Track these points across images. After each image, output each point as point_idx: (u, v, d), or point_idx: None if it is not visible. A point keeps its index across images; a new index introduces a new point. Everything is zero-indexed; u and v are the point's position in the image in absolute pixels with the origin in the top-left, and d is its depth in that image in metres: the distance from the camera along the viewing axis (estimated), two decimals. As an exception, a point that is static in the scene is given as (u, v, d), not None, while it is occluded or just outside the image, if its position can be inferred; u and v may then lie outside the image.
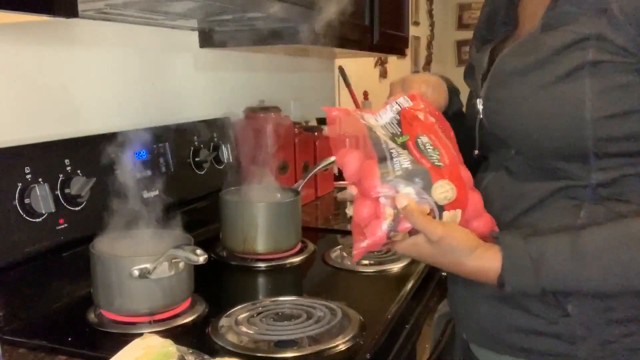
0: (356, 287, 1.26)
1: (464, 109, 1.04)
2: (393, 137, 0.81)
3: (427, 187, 0.76)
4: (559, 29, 0.80)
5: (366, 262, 1.34)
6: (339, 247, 1.45)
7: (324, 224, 1.73)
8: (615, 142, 0.77)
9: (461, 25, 5.62)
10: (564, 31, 0.79)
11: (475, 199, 0.81)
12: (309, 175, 1.55)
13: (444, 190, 0.77)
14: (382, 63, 3.54)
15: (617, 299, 0.78)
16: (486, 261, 0.78)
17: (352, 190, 0.83)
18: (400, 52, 2.32)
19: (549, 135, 0.80)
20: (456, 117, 1.00)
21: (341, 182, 2.11)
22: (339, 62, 2.62)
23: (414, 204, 0.76)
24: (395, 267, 1.31)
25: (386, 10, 1.97)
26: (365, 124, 0.82)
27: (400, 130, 0.82)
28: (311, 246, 1.46)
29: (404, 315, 1.13)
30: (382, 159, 0.78)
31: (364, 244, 0.78)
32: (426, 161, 0.78)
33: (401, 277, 1.26)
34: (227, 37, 1.51)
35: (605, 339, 0.79)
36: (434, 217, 0.77)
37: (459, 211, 0.78)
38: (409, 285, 1.21)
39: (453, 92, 1.03)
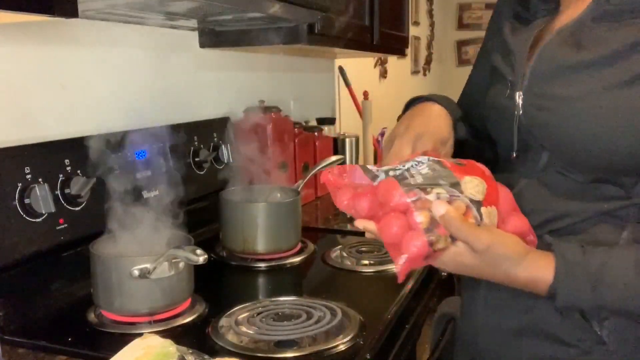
0: (356, 287, 1.26)
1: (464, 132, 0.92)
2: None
3: (455, 185, 0.69)
4: (624, 21, 0.70)
5: (366, 262, 1.34)
6: (339, 247, 1.45)
7: (324, 224, 1.73)
8: None
9: (461, 25, 5.61)
10: (635, 24, 0.69)
11: (504, 192, 0.74)
12: (309, 175, 1.55)
13: (474, 185, 0.69)
14: (382, 63, 3.54)
15: None
16: (538, 270, 0.69)
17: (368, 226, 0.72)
18: (400, 52, 2.32)
19: (614, 142, 0.70)
20: (459, 144, 0.90)
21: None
22: (339, 62, 2.62)
23: (453, 211, 0.66)
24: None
25: (386, 10, 1.97)
26: (366, 167, 0.76)
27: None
28: (311, 246, 1.46)
29: (404, 315, 1.13)
30: (397, 176, 0.71)
31: (402, 259, 0.67)
32: (446, 161, 0.73)
33: (401, 277, 1.26)
34: (227, 37, 1.51)
35: None
36: (474, 217, 0.68)
37: (494, 208, 0.70)
38: (409, 285, 1.21)
39: (457, 120, 0.90)
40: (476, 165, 0.74)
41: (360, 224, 0.71)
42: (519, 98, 0.79)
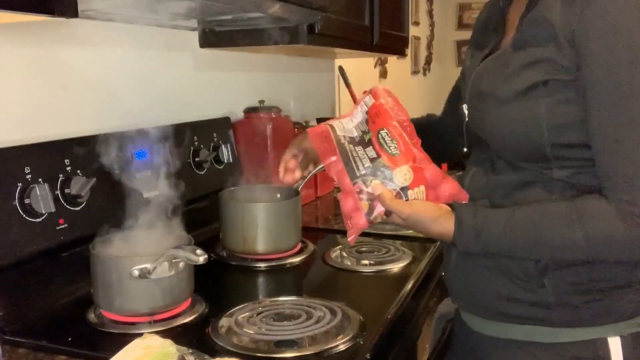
0: (356, 287, 1.26)
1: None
2: (363, 135, 1.02)
3: (389, 176, 0.97)
4: (523, 49, 0.92)
5: (366, 262, 1.35)
6: (339, 247, 1.45)
7: (324, 224, 1.73)
8: (568, 148, 0.91)
9: (461, 25, 5.61)
10: (526, 52, 0.91)
11: (432, 170, 0.99)
12: (309, 175, 1.55)
13: (402, 174, 0.97)
14: (382, 63, 3.54)
15: (582, 274, 0.92)
16: (446, 227, 0.96)
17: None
18: (400, 52, 2.32)
19: (514, 137, 0.94)
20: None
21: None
22: (339, 62, 2.62)
23: (386, 191, 0.96)
24: (395, 267, 1.31)
25: (386, 10, 1.97)
26: (335, 139, 1.01)
27: (367, 128, 1.02)
28: (311, 246, 1.46)
29: (404, 315, 1.13)
30: (347, 163, 0.99)
31: (352, 232, 0.99)
32: (385, 153, 0.98)
33: (401, 277, 1.26)
34: (227, 37, 1.51)
35: (573, 305, 0.93)
36: (401, 198, 0.97)
37: (422, 187, 0.98)
38: (409, 285, 1.21)
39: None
40: (410, 152, 0.98)
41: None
42: (465, 109, 1.06)
